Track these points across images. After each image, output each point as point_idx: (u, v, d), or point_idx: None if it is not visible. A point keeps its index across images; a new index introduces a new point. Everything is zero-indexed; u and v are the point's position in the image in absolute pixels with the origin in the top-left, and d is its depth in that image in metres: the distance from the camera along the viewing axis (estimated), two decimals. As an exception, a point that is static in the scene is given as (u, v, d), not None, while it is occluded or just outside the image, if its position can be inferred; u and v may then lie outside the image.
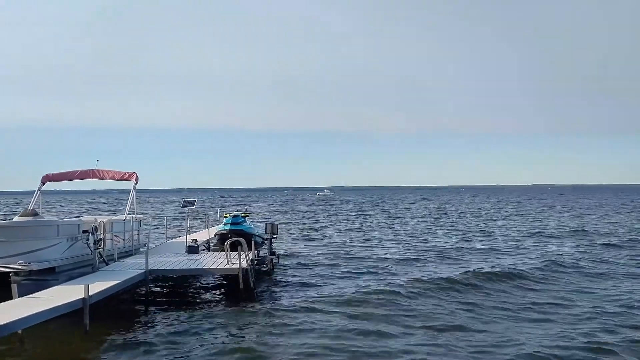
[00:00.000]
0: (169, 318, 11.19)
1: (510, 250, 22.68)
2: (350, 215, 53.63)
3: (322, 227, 37.26)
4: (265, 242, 17.85)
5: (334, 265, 18.45)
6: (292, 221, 43.81)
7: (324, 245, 24.87)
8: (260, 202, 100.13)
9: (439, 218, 46.83)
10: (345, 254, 21.48)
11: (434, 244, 24.82)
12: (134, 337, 9.89)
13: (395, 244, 25.55)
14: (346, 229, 34.99)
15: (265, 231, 17.79)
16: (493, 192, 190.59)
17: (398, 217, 48.49)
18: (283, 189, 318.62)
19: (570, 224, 37.01)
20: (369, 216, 51.04)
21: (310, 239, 28.04)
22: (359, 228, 36.03)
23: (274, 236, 17.81)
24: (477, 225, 36.99)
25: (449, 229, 34.09)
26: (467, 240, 26.67)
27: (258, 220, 32.04)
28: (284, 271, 17.07)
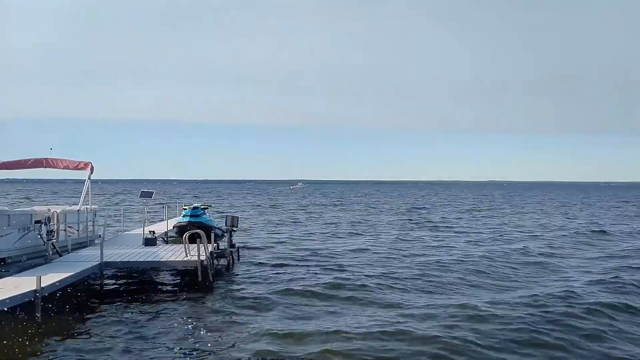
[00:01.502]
0: (124, 311, 10.99)
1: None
2: (320, 208, 53.75)
3: (287, 219, 37.25)
4: (225, 234, 17.74)
5: (294, 258, 18.47)
6: (259, 214, 43.65)
7: (286, 238, 24.86)
8: (230, 194, 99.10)
9: (405, 214, 47.58)
10: (307, 247, 21.53)
11: (399, 239, 25.21)
12: (87, 330, 9.68)
13: (359, 237, 25.79)
14: (311, 222, 35.07)
15: (226, 224, 17.68)
16: (447, 187, 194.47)
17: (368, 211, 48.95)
18: (245, 182, 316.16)
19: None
20: (336, 209, 51.29)
21: (272, 232, 27.97)
22: (325, 221, 36.17)
23: (234, 229, 17.70)
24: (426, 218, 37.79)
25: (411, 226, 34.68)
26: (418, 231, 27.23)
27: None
28: (244, 264, 17.00)
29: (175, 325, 10.03)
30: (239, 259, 17.60)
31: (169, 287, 13.80)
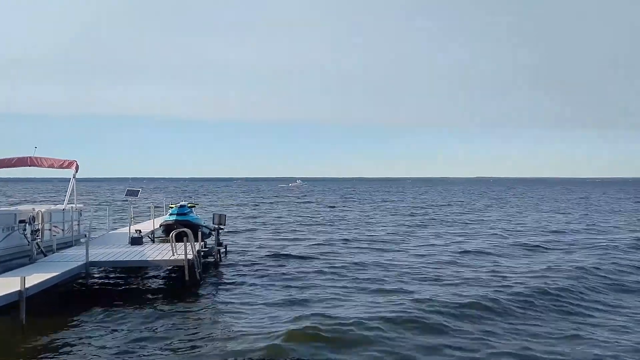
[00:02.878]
0: (110, 311, 10.89)
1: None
2: (317, 206, 53.64)
3: (278, 217, 37.17)
4: (213, 233, 17.68)
5: (283, 256, 18.44)
6: (252, 211, 43.53)
7: (275, 236, 24.83)
8: (222, 192, 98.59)
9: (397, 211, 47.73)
10: (297, 245, 21.49)
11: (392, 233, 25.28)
12: (73, 331, 9.59)
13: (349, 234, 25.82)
14: (304, 220, 35.01)
15: (213, 222, 17.60)
16: (438, 184, 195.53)
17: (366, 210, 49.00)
18: (233, 179, 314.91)
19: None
20: (335, 208, 51.28)
21: (262, 230, 27.90)
22: (320, 220, 36.15)
23: (222, 227, 17.66)
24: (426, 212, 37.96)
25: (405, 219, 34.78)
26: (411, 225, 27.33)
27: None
28: (232, 262, 16.93)
29: (162, 325, 9.96)
30: (226, 258, 17.53)
31: (155, 287, 13.70)
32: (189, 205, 17.81)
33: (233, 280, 14.17)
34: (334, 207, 51.85)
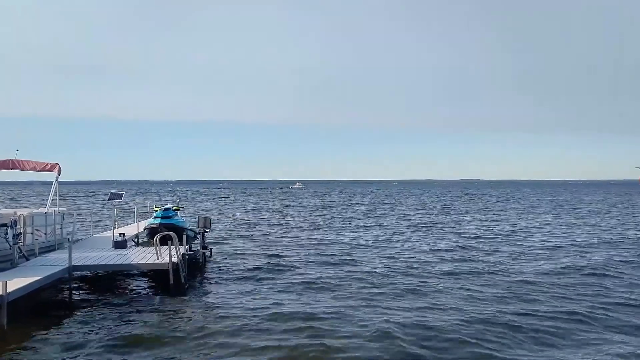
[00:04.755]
0: (93, 316, 10.78)
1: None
2: (308, 209, 53.61)
3: (266, 220, 37.07)
4: (198, 236, 17.60)
5: (269, 259, 18.36)
6: (240, 214, 43.35)
7: (262, 240, 24.75)
8: (224, 197, 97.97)
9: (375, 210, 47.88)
10: (283, 249, 21.43)
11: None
12: (55, 336, 9.46)
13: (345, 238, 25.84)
14: (291, 224, 34.97)
15: (198, 225, 17.53)
16: (424, 186, 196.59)
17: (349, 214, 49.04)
18: (219, 182, 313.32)
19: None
20: (324, 211, 51.27)
21: (249, 234, 27.78)
22: (309, 224, 36.13)
23: (207, 230, 17.58)
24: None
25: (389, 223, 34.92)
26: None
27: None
28: (217, 266, 16.85)
29: (146, 329, 9.87)
30: (212, 261, 17.45)
31: (139, 291, 13.59)
32: (173, 208, 17.73)
33: (218, 284, 14.10)
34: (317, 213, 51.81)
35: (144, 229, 18.13)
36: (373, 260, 18.08)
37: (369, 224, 33.83)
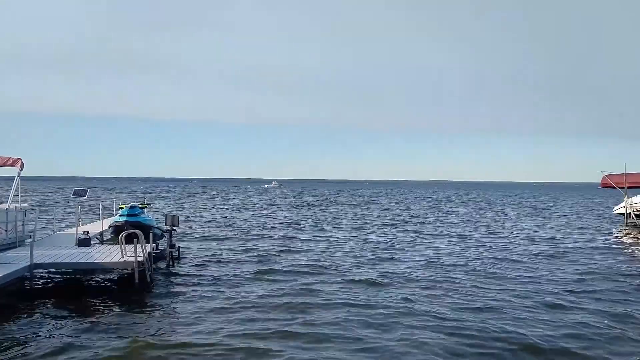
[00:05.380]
0: (55, 316, 10.49)
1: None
2: (283, 208, 53.29)
3: (236, 219, 36.76)
4: (165, 234, 17.32)
5: (238, 257, 18.23)
6: (215, 212, 42.87)
7: (234, 239, 24.54)
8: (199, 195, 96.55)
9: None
10: (252, 248, 21.23)
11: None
12: (13, 336, 9.16)
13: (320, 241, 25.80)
14: (262, 223, 34.74)
15: (165, 223, 17.24)
16: (392, 186, 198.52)
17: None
18: (187, 180, 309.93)
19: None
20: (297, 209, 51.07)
21: (220, 233, 27.49)
22: (279, 222, 35.96)
23: (175, 228, 17.31)
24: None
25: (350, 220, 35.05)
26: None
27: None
28: (185, 264, 16.61)
29: (110, 330, 9.64)
30: (179, 260, 17.19)
31: (104, 290, 13.25)
32: (140, 205, 17.41)
33: (185, 283, 13.88)
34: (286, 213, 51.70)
35: (109, 227, 17.75)
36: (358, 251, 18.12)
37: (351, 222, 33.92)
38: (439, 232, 28.83)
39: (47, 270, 13.83)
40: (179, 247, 18.04)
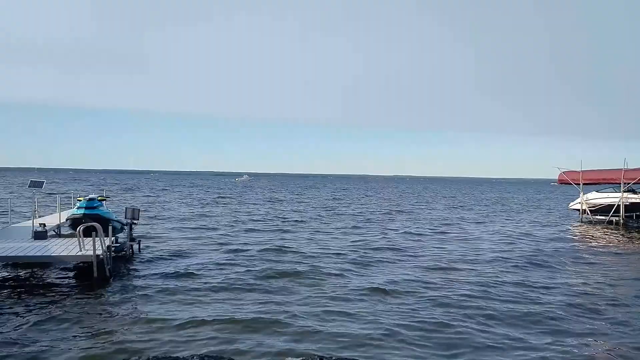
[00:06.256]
0: (9, 311, 10.26)
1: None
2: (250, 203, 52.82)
3: (201, 212, 36.33)
4: (125, 227, 17.07)
5: (199, 250, 18.13)
6: (179, 206, 42.22)
7: (195, 231, 24.33)
8: (166, 189, 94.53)
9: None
10: (216, 241, 21.14)
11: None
12: (-35, 331, 8.93)
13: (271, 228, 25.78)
14: (227, 215, 34.47)
15: (125, 216, 16.99)
16: (358, 181, 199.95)
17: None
18: (150, 172, 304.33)
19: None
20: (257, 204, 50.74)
21: (182, 225, 27.19)
22: (242, 215, 35.74)
23: (135, 221, 17.08)
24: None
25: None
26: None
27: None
28: (146, 259, 16.40)
29: (68, 324, 9.50)
30: (140, 254, 16.96)
31: (61, 284, 12.99)
32: (99, 198, 17.08)
33: (144, 277, 13.73)
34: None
35: (67, 220, 17.35)
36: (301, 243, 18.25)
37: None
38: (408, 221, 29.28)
39: (1, 264, 13.47)
40: (139, 240, 17.82)
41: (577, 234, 27.44)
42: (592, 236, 25.81)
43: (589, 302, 11.98)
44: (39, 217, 19.55)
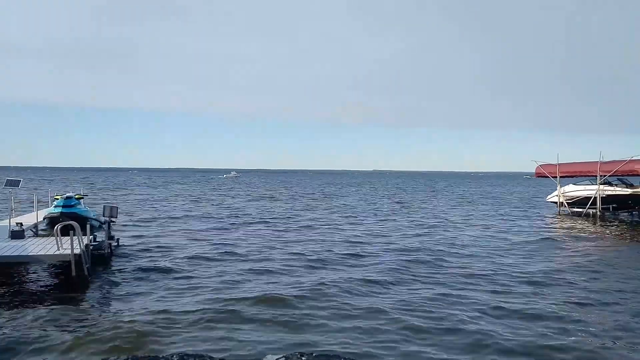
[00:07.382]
0: (-15, 311, 10.09)
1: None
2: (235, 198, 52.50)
3: (182, 209, 36.07)
4: (104, 226, 16.91)
5: (180, 250, 18.03)
6: (160, 205, 41.81)
7: (176, 230, 24.16)
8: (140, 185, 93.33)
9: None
10: (195, 238, 21.03)
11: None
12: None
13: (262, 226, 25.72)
14: (209, 214, 34.25)
15: (103, 214, 16.84)
16: (340, 176, 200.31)
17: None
18: (128, 169, 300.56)
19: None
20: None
21: (161, 223, 26.96)
22: (226, 213, 35.54)
23: (113, 220, 16.94)
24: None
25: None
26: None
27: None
28: (124, 257, 16.25)
29: (46, 325, 9.39)
30: (118, 252, 16.82)
31: (38, 284, 12.83)
32: (76, 196, 16.91)
33: (124, 275, 13.64)
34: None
35: (44, 218, 17.14)
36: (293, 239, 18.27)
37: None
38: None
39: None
40: (117, 238, 17.67)
41: (554, 226, 27.92)
42: (569, 228, 26.29)
43: (560, 292, 12.24)
44: (16, 216, 19.25)
